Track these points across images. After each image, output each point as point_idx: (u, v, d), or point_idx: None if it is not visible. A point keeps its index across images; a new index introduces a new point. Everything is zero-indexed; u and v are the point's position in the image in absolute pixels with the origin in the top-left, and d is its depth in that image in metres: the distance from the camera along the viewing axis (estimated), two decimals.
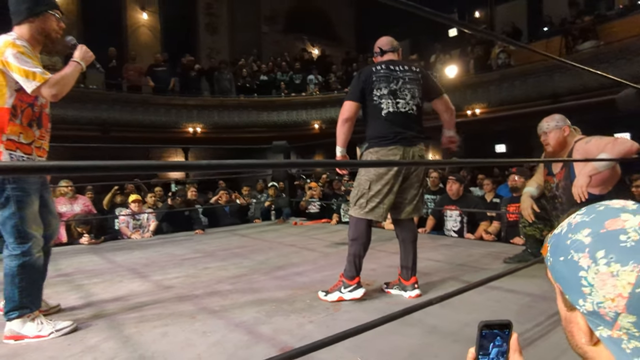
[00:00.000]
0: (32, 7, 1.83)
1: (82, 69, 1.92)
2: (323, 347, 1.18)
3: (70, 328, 1.86)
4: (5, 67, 1.72)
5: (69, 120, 8.44)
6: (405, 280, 2.27)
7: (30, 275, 1.83)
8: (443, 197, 4.41)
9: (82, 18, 10.88)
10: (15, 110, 1.78)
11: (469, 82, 9.33)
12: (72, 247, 4.41)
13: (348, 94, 2.21)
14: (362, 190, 2.15)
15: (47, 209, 2.03)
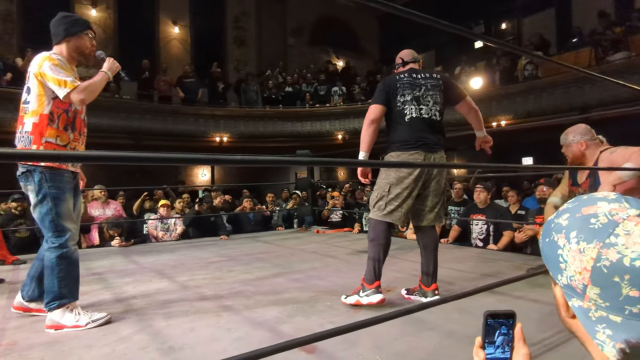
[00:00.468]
0: (68, 29, 2.09)
1: (109, 78, 2.13)
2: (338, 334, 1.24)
3: (105, 319, 1.99)
4: (42, 78, 1.95)
5: (104, 128, 8.85)
6: (426, 286, 2.29)
7: (68, 267, 1.96)
8: (470, 206, 4.39)
9: (118, 32, 11.44)
10: (52, 116, 1.98)
11: (494, 93, 9.23)
12: (104, 248, 4.62)
13: (373, 98, 2.25)
14: (382, 192, 2.19)
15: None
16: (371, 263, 2.17)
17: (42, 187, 1.94)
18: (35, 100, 1.98)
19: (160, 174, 11.37)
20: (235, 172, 12.81)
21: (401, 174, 2.15)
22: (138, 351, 1.66)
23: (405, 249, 4.01)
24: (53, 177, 1.95)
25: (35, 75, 1.97)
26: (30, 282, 2.15)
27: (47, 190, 1.94)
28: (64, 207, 1.98)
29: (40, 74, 1.95)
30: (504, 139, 10.44)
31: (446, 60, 12.20)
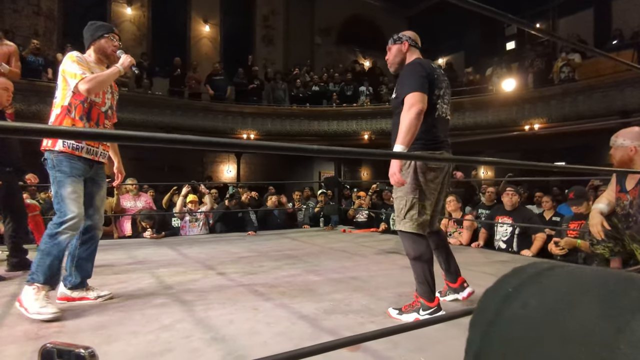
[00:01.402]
0: (93, 34, 2.33)
1: (120, 72, 2.26)
2: (388, 335, 1.22)
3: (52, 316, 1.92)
4: (63, 73, 2.14)
5: (137, 123, 9.09)
6: (453, 283, 2.25)
7: (51, 248, 1.99)
8: (496, 208, 4.30)
9: (152, 30, 11.72)
10: (70, 107, 2.15)
11: (528, 96, 8.98)
12: (137, 239, 4.74)
13: (417, 84, 1.90)
14: (412, 199, 1.96)
15: (90, 202, 2.23)
16: (423, 280, 1.96)
17: (52, 172, 2.10)
18: (59, 94, 2.17)
19: (187, 169, 11.60)
20: (261, 169, 12.93)
21: (430, 177, 1.96)
22: (182, 340, 1.69)
23: None
24: (59, 163, 2.08)
25: (60, 73, 2.16)
26: (70, 271, 2.23)
27: (54, 175, 2.08)
28: (67, 191, 2.06)
29: (63, 70, 2.15)
30: (537, 143, 10.20)
31: (476, 61, 11.94)
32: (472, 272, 3.01)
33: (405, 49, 2.12)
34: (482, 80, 10.35)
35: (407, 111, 1.87)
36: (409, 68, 2.02)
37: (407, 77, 1.97)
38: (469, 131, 9.59)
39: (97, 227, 2.31)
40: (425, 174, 1.96)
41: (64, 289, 2.23)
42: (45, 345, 0.62)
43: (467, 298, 2.19)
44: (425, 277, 1.95)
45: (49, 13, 10.14)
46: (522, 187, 6.99)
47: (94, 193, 2.27)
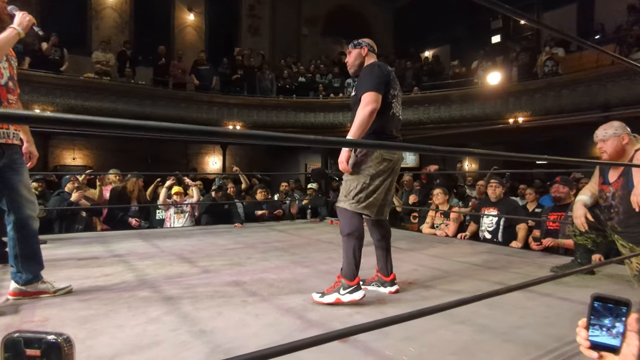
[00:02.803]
0: None
1: (20, 34, 1.96)
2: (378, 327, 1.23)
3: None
4: None
5: (119, 112, 8.86)
6: (385, 276, 2.33)
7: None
8: (482, 200, 4.37)
9: (134, 18, 11.41)
10: None
11: (513, 89, 9.09)
12: (122, 231, 4.65)
13: (373, 84, 2.06)
14: (363, 184, 2.11)
15: (15, 191, 2.03)
16: (351, 258, 2.07)
17: None
18: None
19: (171, 160, 11.43)
20: (246, 161, 12.82)
21: (381, 166, 2.12)
22: (169, 333, 1.66)
23: (422, 242, 3.99)
24: None
25: None
26: (17, 267, 2.08)
27: None
28: None
29: None
30: (521, 136, 10.35)
31: (462, 54, 12.02)
32: (459, 263, 3.06)
33: (364, 53, 2.29)
34: (468, 73, 10.43)
35: (363, 108, 2.04)
36: (368, 69, 2.19)
37: (366, 77, 2.13)
38: (455, 124, 9.68)
39: (32, 217, 2.09)
40: (380, 163, 2.12)
41: (16, 285, 2.08)
42: (9, 334, 0.58)
43: (392, 293, 2.29)
44: (354, 253, 2.08)
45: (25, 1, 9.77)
46: (506, 178, 7.11)
47: (15, 181, 2.02)
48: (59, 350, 0.57)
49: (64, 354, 0.58)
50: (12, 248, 2.07)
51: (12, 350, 0.57)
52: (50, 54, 8.27)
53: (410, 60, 11.69)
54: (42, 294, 2.12)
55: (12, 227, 2.05)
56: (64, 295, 2.15)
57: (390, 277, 2.31)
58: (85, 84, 8.81)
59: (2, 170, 1.99)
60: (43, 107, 8.19)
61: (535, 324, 1.80)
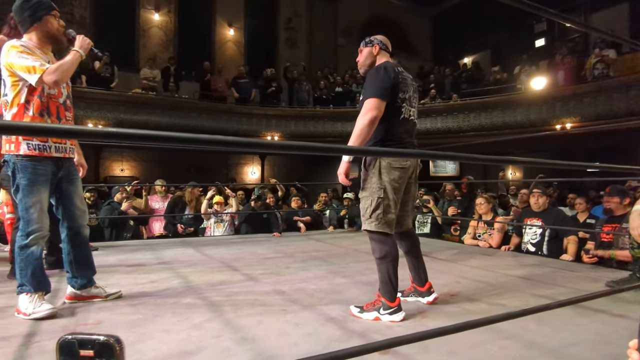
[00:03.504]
0: (33, 14, 2.03)
1: (82, 56, 2.07)
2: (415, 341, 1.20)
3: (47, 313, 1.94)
4: (12, 68, 1.93)
5: (164, 126, 9.30)
6: (421, 286, 2.25)
7: (26, 259, 1.98)
8: (524, 211, 4.16)
9: (178, 35, 12.00)
10: (28, 104, 1.98)
11: (559, 94, 8.68)
12: (166, 239, 4.85)
13: (376, 89, 1.95)
14: (378, 199, 1.98)
15: (70, 201, 2.16)
16: (387, 279, 1.98)
17: (16, 177, 1.98)
18: (11, 91, 1.97)
19: (213, 171, 11.81)
20: (285, 171, 13.02)
21: (394, 176, 1.99)
22: (212, 339, 1.71)
23: (464, 254, 3.87)
24: (24, 169, 1.96)
25: (5, 67, 1.95)
26: (72, 272, 2.21)
27: (19, 180, 1.97)
28: (33, 199, 1.98)
29: (9, 64, 1.93)
30: (569, 143, 9.83)
31: (504, 59, 11.65)
32: (504, 276, 2.93)
33: (376, 52, 2.17)
34: (510, 78, 10.09)
35: (362, 116, 1.94)
36: (373, 73, 2.05)
37: (370, 82, 2.01)
38: (497, 131, 9.36)
39: (83, 225, 2.23)
40: (389, 173, 1.99)
41: (72, 289, 2.22)
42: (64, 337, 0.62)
43: (431, 302, 2.20)
44: (389, 277, 1.98)
45: (81, 21, 10.54)
46: (553, 187, 6.77)
47: (71, 192, 2.17)
48: (111, 350, 0.61)
49: (116, 353, 0.61)
50: (67, 254, 2.22)
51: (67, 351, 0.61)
52: (102, 72, 8.84)
53: (449, 68, 11.48)
54: (95, 298, 2.25)
55: (66, 235, 2.21)
56: (115, 300, 2.27)
57: (426, 286, 2.24)
58: (134, 99, 9.33)
59: (60, 181, 2.14)
60: (96, 122, 8.74)
61: (589, 342, 1.69)
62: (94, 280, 2.29)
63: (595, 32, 8.59)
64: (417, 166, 2.13)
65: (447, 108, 10.11)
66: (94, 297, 2.25)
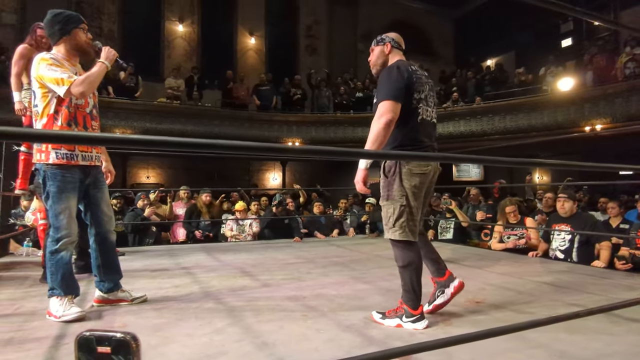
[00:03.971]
0: (63, 28, 2.12)
1: (107, 67, 2.15)
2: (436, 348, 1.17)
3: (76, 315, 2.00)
4: (42, 80, 2.02)
5: (188, 134, 9.51)
6: (442, 276, 2.14)
7: (56, 264, 2.05)
8: (552, 216, 4.02)
9: (201, 45, 12.28)
10: (57, 114, 2.07)
11: (588, 95, 8.40)
12: (188, 245, 4.94)
13: (390, 90, 1.88)
14: (401, 208, 1.92)
15: (97, 208, 2.23)
16: (410, 290, 1.94)
17: (46, 184, 2.06)
18: (40, 102, 2.07)
19: (235, 177, 11.97)
20: (306, 177, 13.06)
21: (415, 182, 1.92)
22: (234, 343, 1.72)
23: (491, 260, 3.77)
24: (54, 177, 2.04)
25: (35, 79, 2.04)
26: (100, 276, 2.28)
27: (48, 188, 2.05)
28: (62, 206, 2.05)
29: (39, 76, 2.02)
30: (599, 144, 9.48)
31: (528, 61, 11.38)
32: (531, 282, 2.84)
33: (388, 51, 2.09)
34: (536, 80, 9.84)
35: (377, 120, 1.87)
36: (385, 73, 1.98)
37: (383, 83, 1.94)
38: (523, 134, 9.13)
39: (110, 230, 2.30)
40: (410, 179, 1.93)
41: (100, 292, 2.29)
42: (82, 334, 0.64)
43: (456, 288, 2.08)
44: (412, 285, 1.94)
45: (110, 34, 10.94)
46: (583, 191, 6.53)
47: (98, 198, 2.24)
48: (127, 347, 0.62)
49: (132, 350, 0.63)
50: (95, 259, 2.29)
51: (85, 347, 0.63)
52: (127, 82, 9.13)
53: (472, 70, 11.29)
54: (121, 301, 2.31)
55: (94, 240, 2.28)
56: (140, 304, 2.31)
57: (446, 274, 2.13)
58: (159, 108, 9.59)
59: (87, 188, 2.22)
60: (123, 131, 9.02)
61: (625, 353, 1.61)
62: (120, 284, 2.35)
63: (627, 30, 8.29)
64: (437, 170, 2.08)
65: (470, 111, 9.94)
66: (120, 300, 2.31)
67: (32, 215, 4.18)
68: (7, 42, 8.89)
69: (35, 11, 9.98)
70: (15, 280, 2.93)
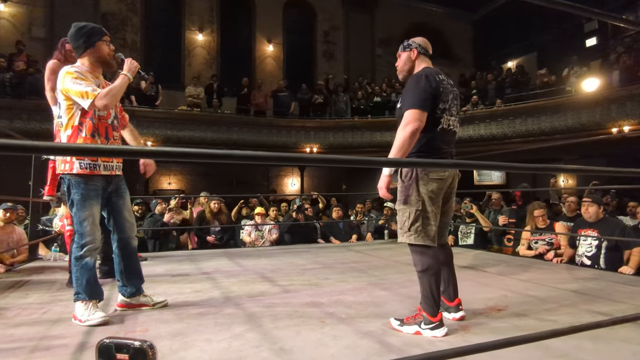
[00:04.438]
0: (87, 41, 2.19)
1: (130, 79, 2.21)
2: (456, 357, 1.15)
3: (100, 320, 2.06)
4: (67, 93, 2.09)
5: (208, 141, 9.69)
6: (450, 301, 2.15)
7: (81, 270, 2.12)
8: (578, 221, 3.89)
9: (221, 53, 12.52)
10: (81, 126, 2.14)
11: (614, 95, 8.14)
12: (208, 250, 5.00)
13: (417, 100, 1.89)
14: (416, 212, 1.94)
15: (120, 214, 2.30)
16: (429, 295, 1.93)
17: (69, 192, 2.14)
18: (65, 114, 2.14)
19: (254, 183, 12.10)
20: (324, 182, 13.09)
21: (432, 188, 1.94)
22: (252, 349, 1.73)
23: (514, 267, 3.68)
24: (77, 185, 2.12)
25: (61, 92, 2.12)
26: (123, 281, 2.35)
27: (72, 196, 2.13)
28: (86, 213, 2.12)
29: (65, 89, 2.09)
30: (627, 147, 9.16)
31: (551, 62, 11.13)
32: (556, 290, 2.76)
33: (414, 56, 2.09)
34: (558, 81, 9.60)
35: (402, 128, 1.90)
36: (413, 81, 1.99)
37: (410, 91, 1.95)
38: (546, 137, 8.91)
39: (132, 237, 2.37)
40: (427, 185, 1.94)
41: (122, 297, 2.36)
42: (102, 341, 0.67)
43: (457, 320, 2.10)
44: (431, 291, 1.93)
45: (133, 45, 11.29)
46: (611, 195, 6.32)
47: (120, 206, 2.31)
48: (144, 354, 0.65)
49: (148, 358, 0.65)
50: (117, 264, 2.36)
51: (105, 354, 0.66)
52: (148, 91, 9.38)
53: (492, 73, 11.11)
54: (143, 306, 2.37)
55: (117, 246, 2.35)
56: (161, 309, 2.36)
57: (455, 302, 2.14)
58: (179, 116, 9.81)
59: (110, 196, 2.30)
60: (145, 139, 9.25)
61: None
62: (142, 289, 2.41)
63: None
64: (456, 176, 2.08)
65: (490, 114, 9.78)
66: (142, 305, 2.37)
67: (59, 221, 4.33)
68: (37, 55, 9.26)
69: (63, 24, 10.39)
70: (44, 285, 3.04)
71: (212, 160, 0.88)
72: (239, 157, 0.91)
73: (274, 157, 1.22)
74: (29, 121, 8.26)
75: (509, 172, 12.41)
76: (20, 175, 4.48)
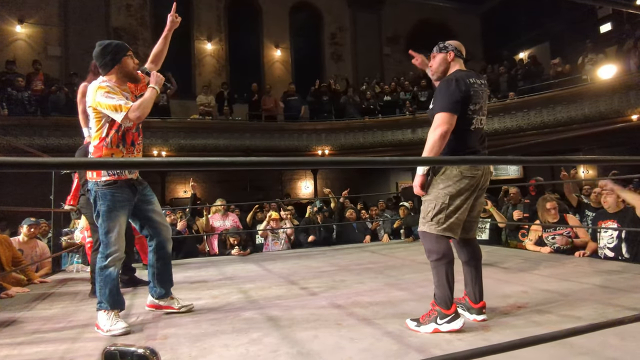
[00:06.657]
0: (114, 58, 2.25)
1: (157, 92, 2.26)
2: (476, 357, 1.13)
3: (122, 331, 2.09)
4: (99, 107, 2.14)
5: (221, 147, 9.79)
6: (475, 303, 2.10)
7: (105, 280, 2.17)
8: (599, 213, 3.80)
9: (229, 61, 12.65)
10: (107, 137, 2.21)
11: (633, 82, 7.92)
12: (226, 256, 5.05)
13: (448, 103, 1.95)
14: (442, 204, 1.97)
15: (151, 220, 2.37)
16: (443, 285, 1.94)
17: (97, 203, 2.19)
18: (94, 125, 2.22)
19: (267, 187, 12.17)
20: (338, 184, 13.07)
21: (462, 185, 1.96)
22: (269, 354, 1.74)
23: (533, 262, 3.61)
24: (104, 196, 2.17)
25: (93, 105, 2.17)
26: (154, 282, 2.43)
27: (99, 207, 2.18)
28: (112, 224, 2.18)
29: (97, 103, 2.14)
30: None
31: (564, 50, 10.90)
32: (578, 284, 2.70)
33: (451, 59, 2.12)
34: (573, 70, 9.39)
35: (433, 131, 1.95)
36: (444, 84, 2.03)
37: (441, 94, 2.00)
38: (562, 127, 8.72)
39: (167, 240, 2.43)
40: (459, 181, 1.97)
41: (152, 298, 2.45)
42: (107, 348, 0.69)
43: (478, 322, 2.06)
44: (447, 280, 1.94)
45: (145, 58, 11.45)
46: (633, 185, 6.14)
47: (150, 211, 2.37)
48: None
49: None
50: (151, 267, 2.44)
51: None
52: (160, 101, 9.53)
53: (503, 65, 10.93)
54: (170, 308, 2.44)
55: (153, 249, 2.42)
56: (181, 316, 2.39)
57: (479, 304, 2.09)
58: (192, 124, 9.95)
59: (138, 204, 2.36)
60: (160, 149, 9.41)
61: None
62: (171, 292, 2.49)
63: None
64: (488, 173, 2.09)
65: (503, 107, 9.63)
66: (169, 307, 2.45)
67: (80, 233, 4.43)
68: (53, 73, 9.53)
69: (78, 41, 10.67)
70: (68, 295, 3.11)
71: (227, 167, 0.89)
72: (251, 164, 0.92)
73: (284, 162, 1.22)
74: (49, 137, 8.49)
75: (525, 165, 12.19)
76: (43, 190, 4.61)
